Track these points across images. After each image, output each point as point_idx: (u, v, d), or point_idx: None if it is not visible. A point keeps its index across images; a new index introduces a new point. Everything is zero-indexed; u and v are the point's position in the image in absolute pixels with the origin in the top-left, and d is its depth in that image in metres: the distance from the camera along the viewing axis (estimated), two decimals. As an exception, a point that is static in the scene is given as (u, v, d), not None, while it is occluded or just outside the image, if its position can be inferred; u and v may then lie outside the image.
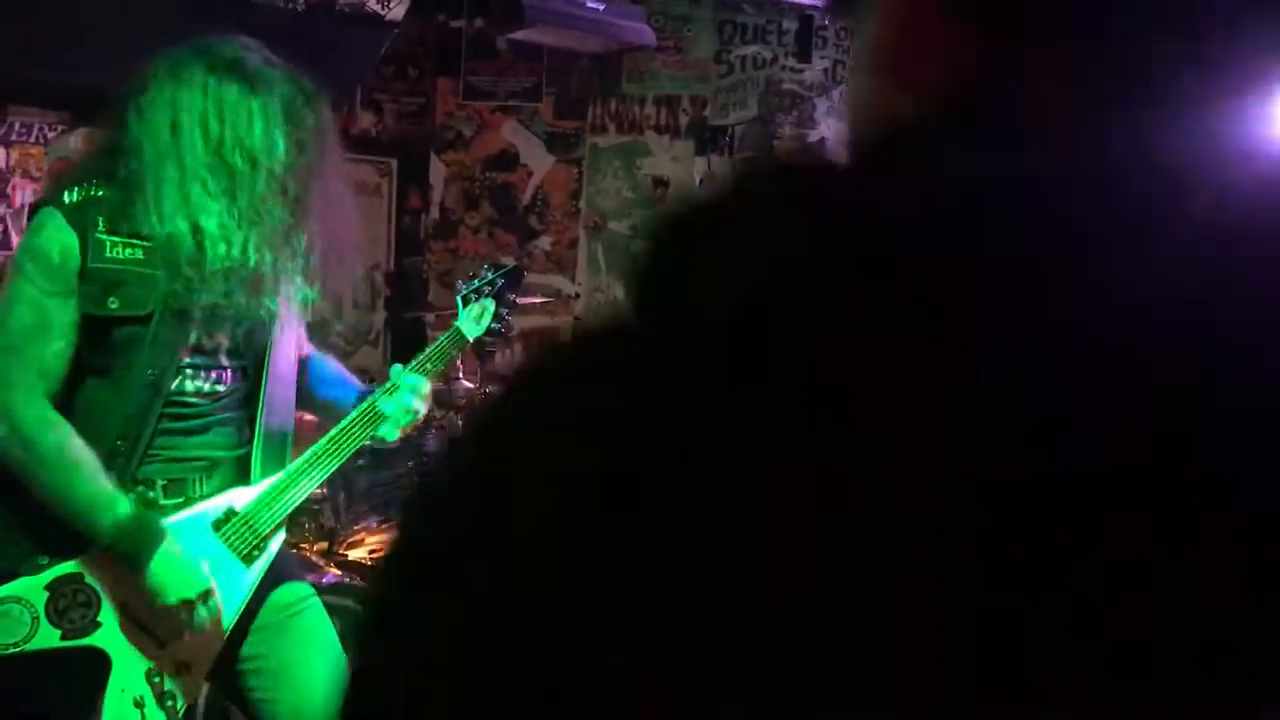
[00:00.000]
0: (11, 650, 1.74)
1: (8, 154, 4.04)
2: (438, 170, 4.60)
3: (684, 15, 4.50)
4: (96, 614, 1.82)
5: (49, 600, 1.78)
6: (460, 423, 3.69)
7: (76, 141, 4.08)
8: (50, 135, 4.07)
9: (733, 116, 4.56)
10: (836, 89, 4.55)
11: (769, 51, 4.53)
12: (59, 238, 1.80)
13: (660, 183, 4.58)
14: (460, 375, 3.75)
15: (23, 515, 1.81)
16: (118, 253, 1.82)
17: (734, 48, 4.53)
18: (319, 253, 1.97)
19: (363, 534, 3.31)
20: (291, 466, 2.01)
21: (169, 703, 1.88)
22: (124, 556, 1.81)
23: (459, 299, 2.16)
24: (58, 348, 1.81)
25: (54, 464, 1.78)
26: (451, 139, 4.59)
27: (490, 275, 2.20)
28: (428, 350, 2.11)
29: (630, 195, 4.58)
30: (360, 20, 3.66)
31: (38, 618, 1.77)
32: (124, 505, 1.81)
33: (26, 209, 4.08)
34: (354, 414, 2.03)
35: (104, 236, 1.82)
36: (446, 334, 2.13)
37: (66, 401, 1.84)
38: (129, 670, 1.85)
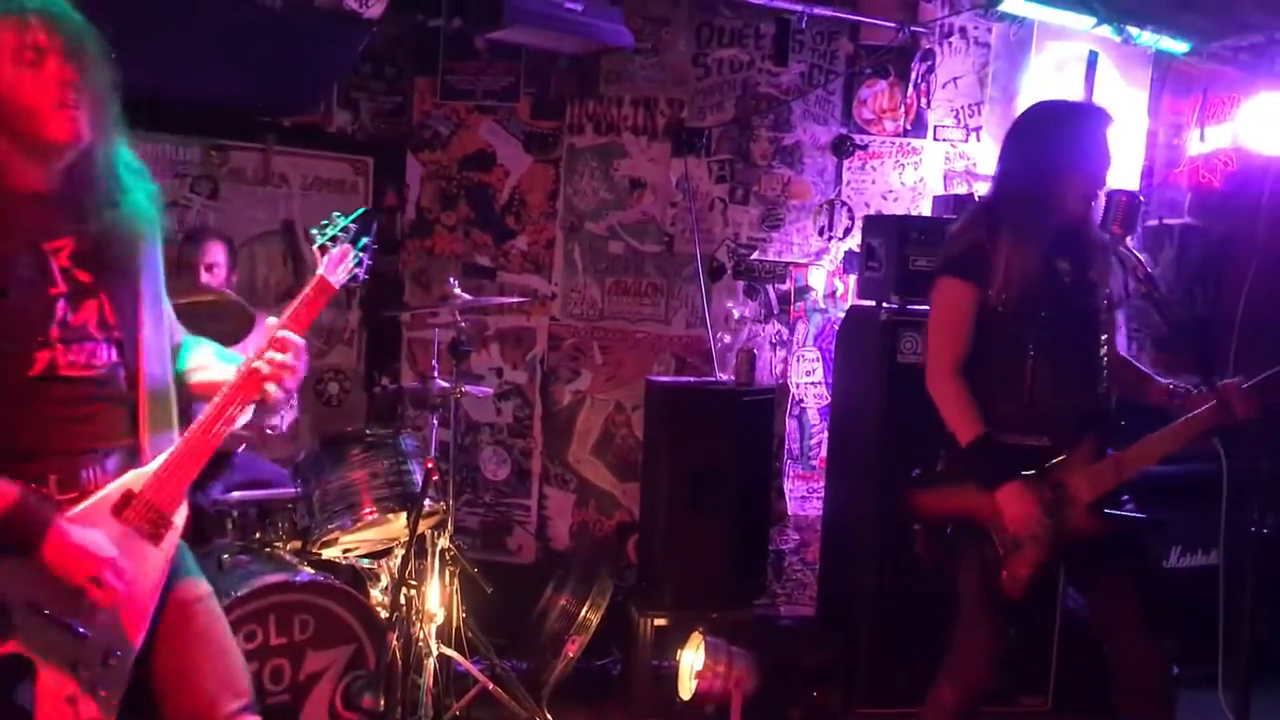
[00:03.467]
0: None
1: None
2: (414, 169, 4.60)
3: (662, 17, 4.52)
4: (9, 621, 1.81)
5: None
6: (435, 422, 3.69)
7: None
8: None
9: (710, 119, 4.58)
10: (813, 92, 4.58)
11: (746, 54, 4.56)
12: None
13: (637, 184, 4.59)
14: (436, 374, 3.75)
15: None
16: None
17: (711, 50, 4.55)
18: None
19: (336, 533, 3.30)
20: (181, 441, 2.00)
21: (101, 693, 1.88)
22: (15, 546, 1.81)
23: (315, 249, 2.11)
24: None
25: None
26: (428, 138, 4.59)
27: (344, 221, 2.14)
28: (294, 302, 2.09)
29: (607, 196, 4.59)
30: (338, 19, 3.65)
31: None
32: (8, 491, 1.80)
33: None
34: (232, 379, 2.02)
35: None
36: (310, 284, 2.09)
37: None
38: (54, 670, 1.84)
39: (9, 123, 1.87)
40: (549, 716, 3.61)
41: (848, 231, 4.63)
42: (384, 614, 3.26)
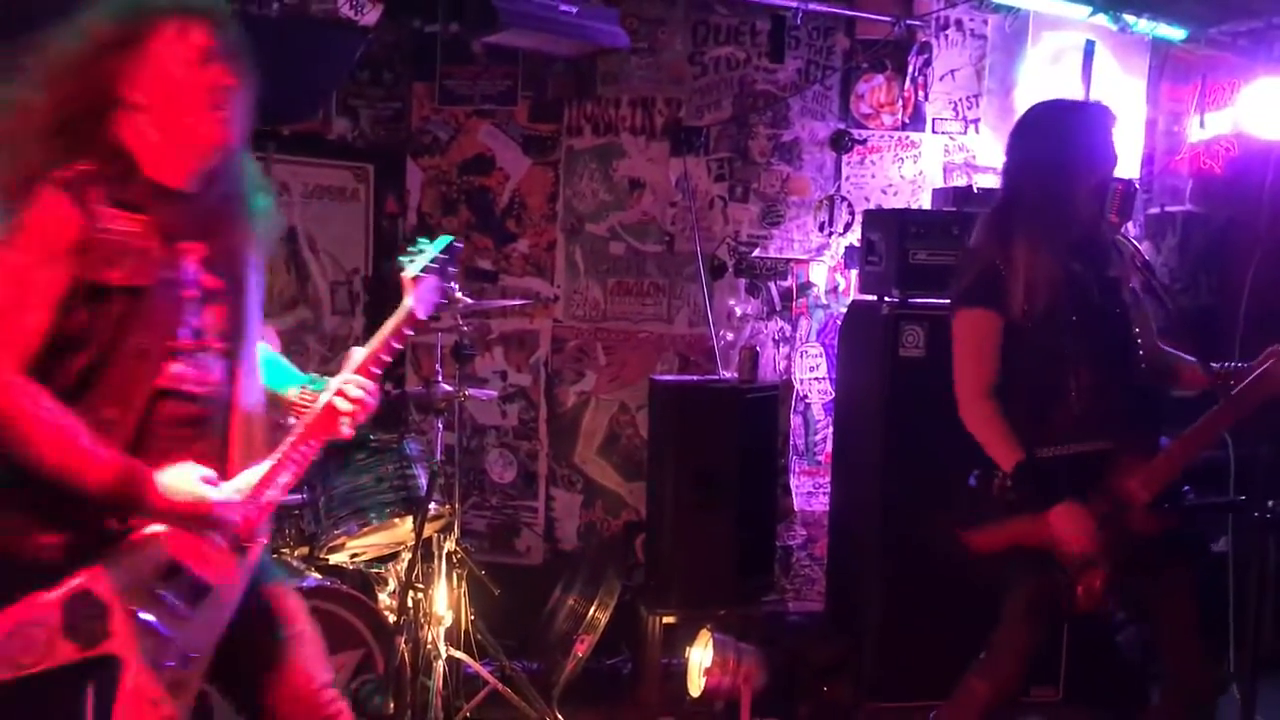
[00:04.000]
0: (31, 668, 1.79)
1: None
2: (414, 174, 4.62)
3: (657, 17, 4.53)
4: (109, 623, 1.86)
5: (63, 618, 1.82)
6: (440, 426, 3.71)
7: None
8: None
9: (707, 117, 4.58)
10: (810, 88, 4.59)
11: (742, 52, 4.56)
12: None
13: (636, 184, 4.60)
14: (440, 378, 3.77)
15: (38, 518, 1.83)
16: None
17: (707, 49, 4.56)
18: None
19: (343, 538, 3.32)
20: (270, 457, 2.02)
21: (179, 694, 1.93)
22: (127, 502, 1.85)
23: (408, 280, 2.14)
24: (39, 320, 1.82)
25: (32, 428, 1.79)
26: (428, 143, 4.61)
27: (433, 252, 2.17)
28: (380, 332, 2.12)
29: (607, 197, 4.61)
30: (334, 27, 3.67)
31: (53, 635, 1.81)
32: (109, 453, 1.83)
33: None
34: (315, 411, 2.05)
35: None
36: (397, 316, 2.12)
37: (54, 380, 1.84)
38: (143, 671, 1.89)
39: (165, 120, 1.89)
40: (560, 716, 3.62)
41: (848, 226, 4.63)
42: (392, 618, 3.28)
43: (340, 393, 2.05)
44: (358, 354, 2.11)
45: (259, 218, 2.07)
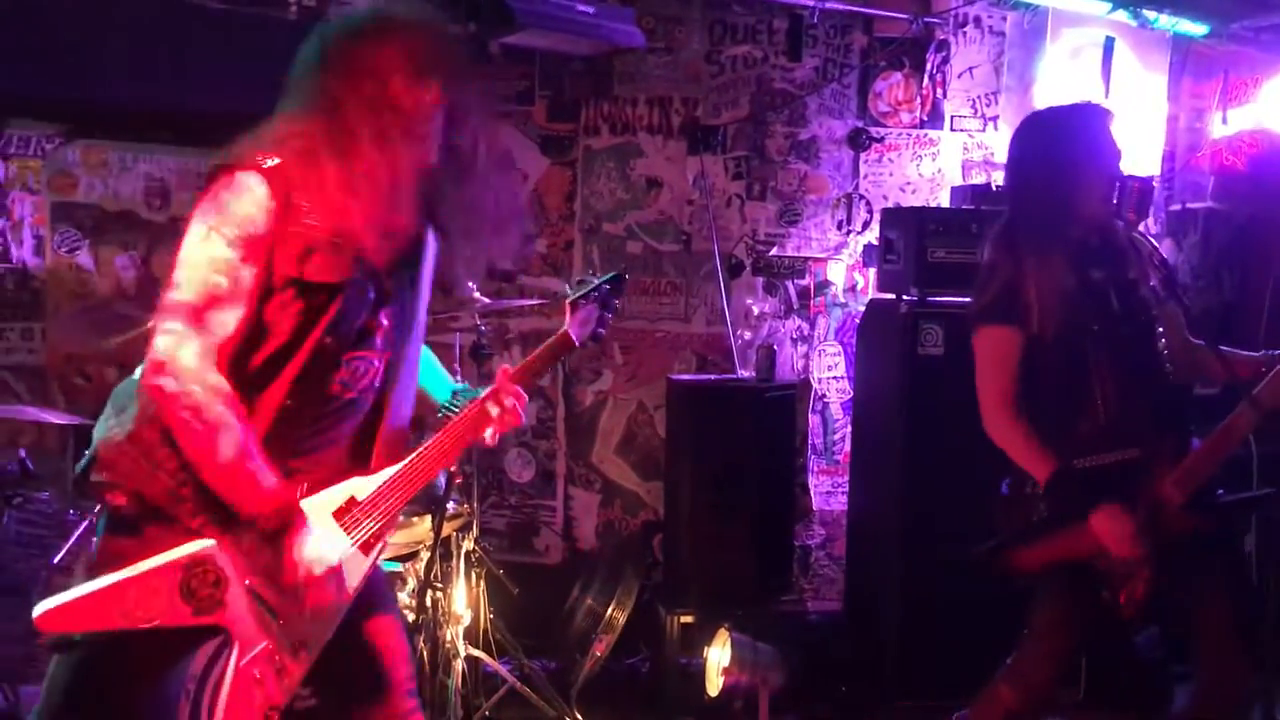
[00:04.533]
0: (146, 625, 1.81)
1: (6, 167, 4.08)
2: (433, 175, 4.63)
3: (674, 16, 4.53)
4: (224, 593, 1.88)
5: (182, 580, 1.84)
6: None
7: (75, 154, 4.12)
8: (48, 148, 4.10)
9: (724, 116, 4.58)
10: (828, 86, 4.58)
11: (760, 50, 4.56)
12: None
13: (653, 183, 4.61)
14: (458, 378, 3.77)
15: (171, 489, 1.85)
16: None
17: (724, 48, 4.56)
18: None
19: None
20: (408, 459, 2.04)
21: (285, 681, 1.95)
22: (266, 534, 1.87)
23: (568, 304, 2.20)
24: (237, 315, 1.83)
25: (214, 429, 1.80)
26: (446, 144, 4.62)
27: (597, 281, 2.24)
28: (535, 351, 2.18)
29: (624, 196, 4.61)
30: (352, 28, 3.68)
31: (173, 594, 1.83)
32: (273, 484, 1.85)
33: (25, 221, 4.12)
34: (466, 413, 2.09)
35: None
36: (554, 338, 2.19)
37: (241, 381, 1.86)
38: (249, 648, 1.91)
39: (387, 132, 1.87)
40: (578, 715, 3.63)
41: (866, 225, 4.62)
42: (411, 616, 3.29)
43: (494, 398, 2.09)
44: (508, 369, 2.14)
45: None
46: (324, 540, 1.91)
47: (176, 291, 1.80)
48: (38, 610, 1.76)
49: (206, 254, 1.81)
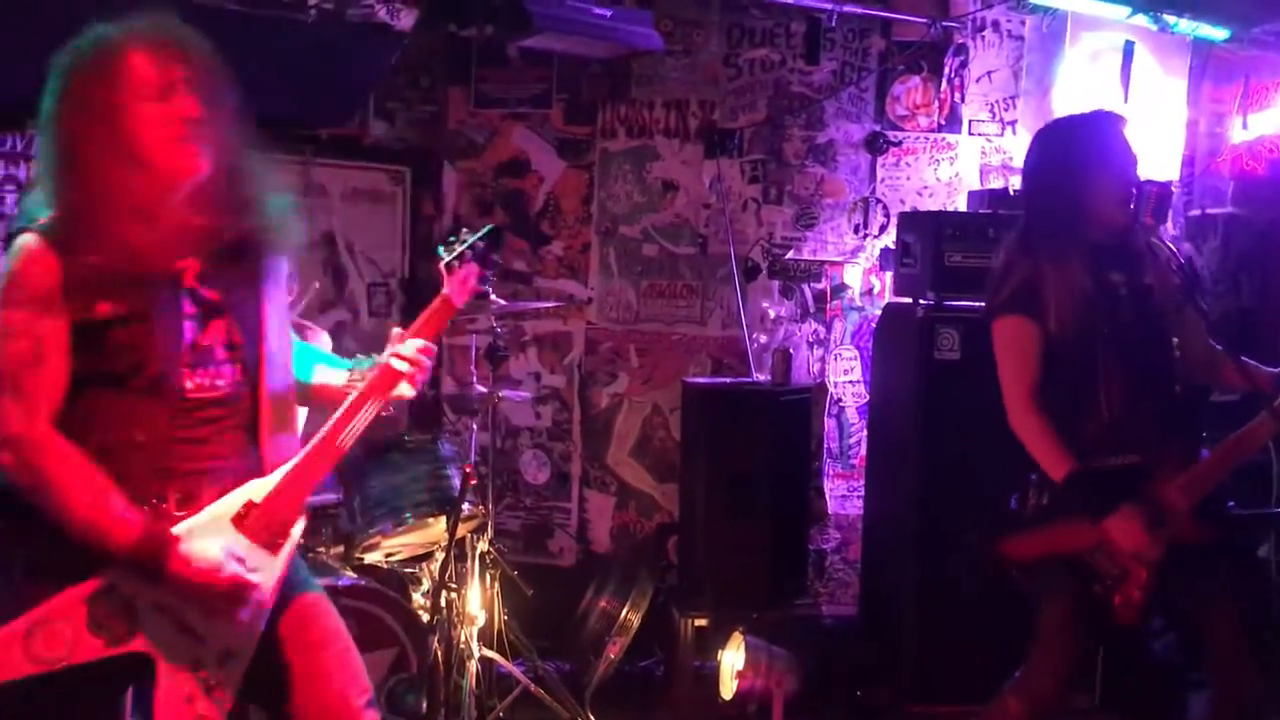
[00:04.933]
0: (58, 666, 1.80)
1: (27, 168, 4.10)
2: (450, 178, 4.65)
3: (692, 19, 4.53)
4: (136, 620, 1.87)
5: (88, 614, 1.84)
6: (474, 427, 3.73)
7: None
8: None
9: (741, 119, 4.58)
10: (845, 90, 4.57)
11: (777, 54, 4.56)
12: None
13: (670, 186, 4.61)
14: (474, 379, 3.79)
15: (53, 535, 1.85)
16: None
17: (742, 51, 4.56)
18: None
19: (378, 538, 3.35)
20: (304, 452, 2.03)
21: (217, 695, 1.93)
22: (148, 564, 1.87)
23: (443, 268, 2.13)
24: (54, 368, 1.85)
25: (60, 487, 1.83)
26: (464, 146, 4.64)
27: (471, 239, 2.15)
28: (419, 318, 2.13)
29: (640, 199, 4.62)
30: (370, 30, 3.70)
31: (79, 631, 1.83)
32: (134, 520, 1.86)
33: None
34: (366, 383, 2.05)
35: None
36: (433, 304, 2.13)
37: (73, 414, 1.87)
38: (174, 668, 1.90)
39: (133, 153, 1.88)
40: (591, 717, 3.64)
41: (883, 229, 4.61)
42: (426, 617, 3.30)
43: (395, 354, 2.06)
44: (397, 332, 2.12)
45: (265, 219, 2.05)
46: (215, 542, 1.91)
47: None
48: None
49: (4, 322, 1.85)
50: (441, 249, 2.16)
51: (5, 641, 1.79)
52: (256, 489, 1.99)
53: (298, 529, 2.05)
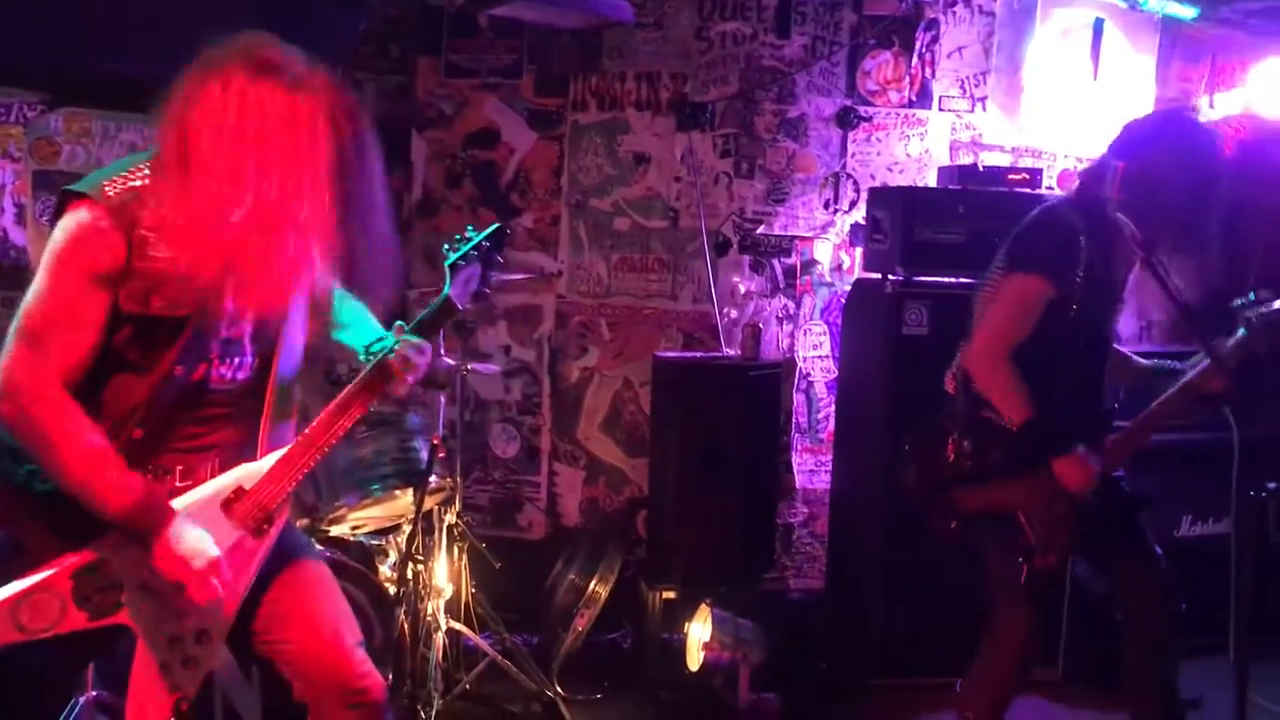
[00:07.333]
0: (42, 634, 1.86)
1: (-13, 134, 4.04)
2: (419, 148, 4.61)
3: (664, -9, 4.51)
4: (119, 595, 1.92)
5: (74, 588, 1.88)
6: (443, 400, 3.72)
7: (57, 122, 4.08)
8: (30, 115, 4.06)
9: (713, 92, 4.56)
10: (816, 64, 4.56)
11: (748, 27, 4.54)
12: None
13: (641, 159, 4.59)
14: (443, 352, 3.77)
15: (47, 506, 1.88)
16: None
17: (713, 23, 4.53)
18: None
19: (344, 510, 3.34)
20: (294, 442, 2.05)
21: (192, 670, 1.98)
22: (133, 535, 1.89)
23: (446, 266, 2.13)
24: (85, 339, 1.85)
25: (58, 444, 1.83)
26: (433, 117, 4.60)
27: (477, 239, 2.16)
28: (421, 315, 2.13)
29: (611, 172, 4.59)
30: (336, 1, 3.65)
31: (65, 604, 1.87)
32: (135, 487, 1.87)
33: (6, 189, 4.09)
34: (357, 381, 2.07)
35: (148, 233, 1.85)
36: (437, 302, 2.12)
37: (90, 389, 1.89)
38: (153, 642, 1.95)
39: (315, 183, 1.85)
40: (559, 689, 3.65)
41: (853, 204, 4.62)
42: (392, 589, 3.30)
43: (396, 353, 2.08)
44: (400, 327, 2.14)
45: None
46: (203, 533, 1.93)
47: (22, 317, 1.84)
48: None
49: (51, 282, 1.84)
50: (446, 247, 2.16)
51: None
52: (247, 475, 2.02)
53: (284, 514, 2.08)
